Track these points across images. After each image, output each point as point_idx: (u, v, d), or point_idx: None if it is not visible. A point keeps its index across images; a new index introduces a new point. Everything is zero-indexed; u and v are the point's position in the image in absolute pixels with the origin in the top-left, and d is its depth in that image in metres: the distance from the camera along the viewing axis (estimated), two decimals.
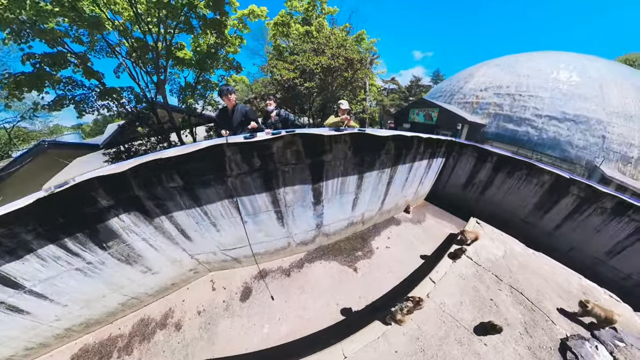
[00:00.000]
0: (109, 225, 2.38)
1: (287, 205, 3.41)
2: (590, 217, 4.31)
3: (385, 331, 2.39)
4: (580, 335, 2.51)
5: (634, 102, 8.76)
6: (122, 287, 2.87)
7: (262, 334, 2.90)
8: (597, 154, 8.07)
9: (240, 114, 3.02)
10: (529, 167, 4.87)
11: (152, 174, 2.31)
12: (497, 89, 11.19)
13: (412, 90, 23.94)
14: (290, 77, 7.92)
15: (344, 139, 3.14)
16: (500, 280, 3.17)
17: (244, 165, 2.68)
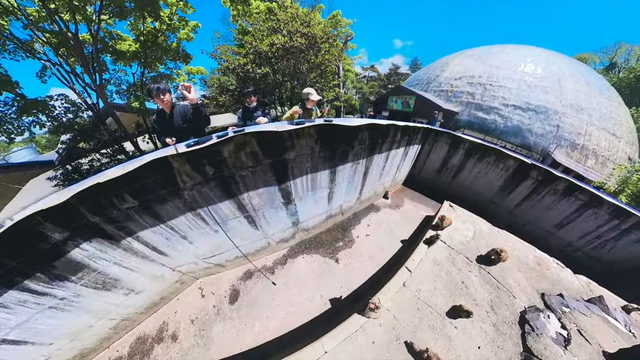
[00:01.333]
0: (71, 257, 2.11)
1: (255, 209, 3.15)
2: (545, 197, 4.72)
3: (363, 324, 2.38)
4: (536, 307, 2.72)
5: (584, 96, 9.59)
6: (108, 312, 2.69)
7: (254, 332, 2.98)
8: (552, 141, 8.83)
9: (179, 117, 2.52)
10: (497, 153, 5.09)
11: (100, 198, 2.02)
12: (470, 79, 11.51)
13: (391, 78, 23.87)
14: (240, 63, 6.77)
15: (307, 132, 2.81)
16: (470, 261, 3.30)
17: (196, 175, 2.38)
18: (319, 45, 7.22)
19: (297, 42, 6.52)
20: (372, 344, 2.25)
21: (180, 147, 2.05)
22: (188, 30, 6.87)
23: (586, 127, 9.04)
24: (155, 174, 2.15)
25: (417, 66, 26.37)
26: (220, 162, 2.43)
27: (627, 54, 19.28)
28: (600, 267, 4.51)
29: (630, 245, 4.24)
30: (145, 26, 6.25)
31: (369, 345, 2.23)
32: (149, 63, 6.83)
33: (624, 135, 9.47)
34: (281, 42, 6.44)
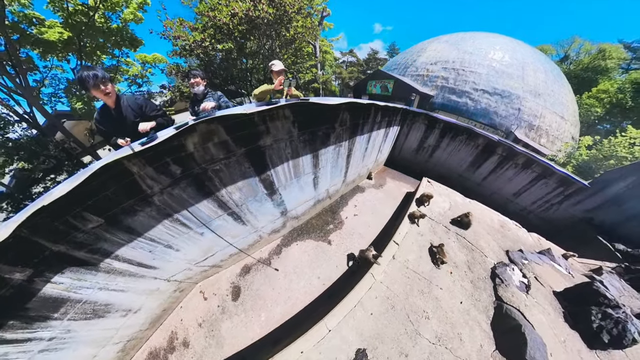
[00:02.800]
0: (45, 295, 1.80)
1: (238, 205, 2.89)
2: (507, 170, 5.24)
3: (360, 299, 2.51)
4: (503, 262, 3.08)
5: (542, 83, 10.52)
6: (109, 338, 2.45)
7: (261, 321, 3.04)
8: (513, 122, 9.69)
9: (131, 113, 2.02)
10: (468, 132, 5.42)
11: (56, 223, 1.68)
12: (445, 64, 11.85)
13: (369, 64, 23.66)
14: (196, 39, 5.51)
15: (282, 114, 2.46)
16: (448, 230, 3.59)
17: (162, 177, 2.03)
18: (290, 16, 6.04)
19: (263, 12, 5.41)
20: (371, 315, 2.41)
21: (135, 147, 1.72)
22: (134, 8, 5.19)
23: (542, 110, 10.02)
24: (114, 183, 1.80)
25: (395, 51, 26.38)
26: (187, 158, 2.09)
27: (579, 47, 21.13)
28: (547, 226, 5.25)
29: (570, 207, 4.99)
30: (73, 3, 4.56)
31: (368, 317, 2.39)
32: (88, 53, 5.24)
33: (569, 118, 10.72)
34: (243, 9, 5.29)
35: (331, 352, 2.14)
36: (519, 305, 2.49)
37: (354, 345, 2.20)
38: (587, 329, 2.40)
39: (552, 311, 2.58)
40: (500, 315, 2.45)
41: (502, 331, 2.34)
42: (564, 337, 2.38)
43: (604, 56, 17.99)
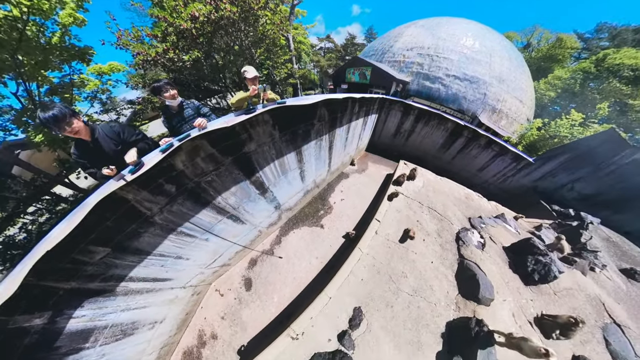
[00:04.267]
0: (70, 330, 1.82)
1: (234, 207, 3.04)
2: (472, 150, 5.91)
3: (352, 269, 2.95)
4: (465, 227, 3.67)
5: (507, 70, 11.40)
6: (143, 351, 2.55)
7: (275, 303, 3.47)
8: (479, 106, 10.53)
9: (111, 142, 1.92)
10: (439, 117, 5.93)
11: (63, 264, 1.68)
12: (420, 50, 12.22)
13: (347, 49, 23.34)
14: (158, 51, 4.88)
15: (262, 119, 2.55)
16: (422, 204, 4.09)
17: (158, 198, 2.06)
18: (256, 13, 5.66)
19: (226, 12, 4.97)
20: (362, 281, 2.88)
21: (127, 177, 1.72)
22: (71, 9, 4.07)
23: (504, 95, 10.98)
24: (112, 214, 1.80)
25: (372, 36, 26.21)
26: (179, 176, 2.12)
27: (540, 36, 22.58)
28: (504, 194, 6.13)
29: (521, 179, 5.88)
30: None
31: (360, 282, 2.87)
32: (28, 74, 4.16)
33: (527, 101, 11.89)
34: (204, 12, 4.77)
35: (334, 314, 2.58)
36: (476, 260, 3.07)
37: (351, 305, 2.65)
38: (524, 272, 3.07)
39: (500, 262, 3.22)
40: (462, 268, 3.02)
41: (463, 280, 2.90)
42: (508, 279, 3.02)
43: (560, 45, 19.59)
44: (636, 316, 3.20)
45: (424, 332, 2.51)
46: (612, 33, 21.41)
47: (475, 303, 2.68)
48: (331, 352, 2.34)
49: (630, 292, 3.59)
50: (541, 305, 2.86)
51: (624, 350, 2.69)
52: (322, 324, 2.52)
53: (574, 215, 5.23)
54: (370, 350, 2.39)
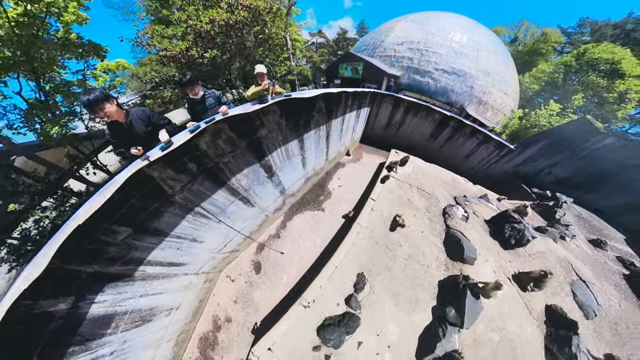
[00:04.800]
0: (93, 316, 1.94)
1: (246, 189, 3.34)
2: (458, 139, 6.41)
3: (353, 241, 3.35)
4: (451, 204, 4.12)
5: (492, 64, 12.09)
6: (161, 337, 2.71)
7: (284, 282, 3.79)
8: (466, 98, 11.18)
9: (141, 123, 2.21)
10: (427, 109, 6.40)
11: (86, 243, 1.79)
12: (410, 44, 12.76)
13: (339, 44, 23.74)
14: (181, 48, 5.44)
15: (271, 109, 2.94)
16: (411, 186, 4.53)
17: (181, 176, 2.29)
18: (264, 18, 6.45)
19: (239, 17, 5.73)
20: (362, 250, 3.29)
21: (155, 153, 1.91)
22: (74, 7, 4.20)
23: (490, 87, 11.67)
24: (138, 192, 1.93)
25: (364, 30, 26.72)
26: (201, 156, 2.38)
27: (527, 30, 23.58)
28: (488, 180, 6.70)
29: (504, 165, 6.45)
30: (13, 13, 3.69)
31: (360, 251, 3.28)
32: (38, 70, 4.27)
33: (511, 94, 12.66)
34: (223, 17, 5.49)
35: (340, 280, 2.97)
36: (460, 229, 3.52)
37: (354, 272, 3.06)
38: (503, 238, 3.55)
39: (482, 231, 3.69)
40: (449, 236, 3.46)
41: (450, 245, 3.35)
42: (489, 245, 3.49)
43: (545, 39, 20.62)
44: (599, 275, 3.75)
45: (420, 290, 2.93)
46: (593, 28, 22.47)
47: (461, 263, 3.13)
48: (341, 314, 2.70)
49: (595, 257, 4.15)
50: (518, 265, 3.34)
51: (588, 301, 3.20)
52: (330, 290, 2.90)
53: (551, 196, 5.83)
54: (375, 309, 2.78)
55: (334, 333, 2.56)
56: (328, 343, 2.52)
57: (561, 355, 2.58)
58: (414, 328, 2.66)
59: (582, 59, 15.31)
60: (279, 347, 2.49)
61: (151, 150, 1.98)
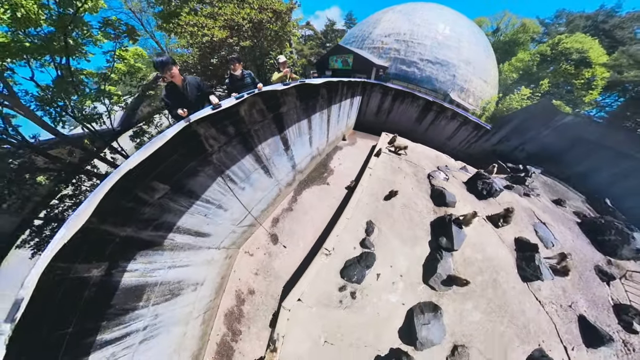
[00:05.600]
0: (125, 285, 1.98)
1: (267, 158, 3.83)
2: (441, 122, 7.36)
3: (359, 198, 4.16)
4: (434, 170, 4.99)
5: (474, 54, 13.26)
6: (190, 313, 2.91)
7: (300, 248, 4.34)
8: (449, 86, 12.31)
9: (194, 88, 2.68)
10: (412, 96, 7.28)
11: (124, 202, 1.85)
12: (397, 36, 13.71)
13: (328, 36, 24.44)
14: (222, 36, 6.61)
15: (291, 91, 3.59)
16: (401, 159, 5.35)
17: (221, 136, 2.66)
18: (283, 17, 8.02)
19: (266, 16, 7.25)
20: (367, 204, 4.09)
21: (206, 111, 2.25)
22: None
23: (471, 76, 12.85)
24: (183, 147, 2.13)
25: (352, 21, 27.53)
26: (239, 121, 2.83)
27: (508, 21, 25.09)
28: (469, 158, 7.72)
29: (482, 144, 7.51)
30: None
31: (366, 205, 4.11)
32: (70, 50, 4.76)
33: (491, 82, 13.96)
34: (258, 17, 7.01)
35: (354, 228, 3.75)
36: (442, 186, 4.40)
37: (363, 220, 3.85)
38: (477, 192, 4.49)
39: (460, 187, 4.62)
40: (434, 191, 4.36)
41: (435, 196, 4.26)
42: (466, 197, 4.42)
43: (524, 30, 22.19)
44: (557, 221, 4.75)
45: (417, 230, 3.78)
46: (568, 19, 24.21)
47: (445, 207, 4.03)
48: (358, 255, 3.40)
49: (555, 210, 5.18)
50: (490, 211, 4.26)
51: (547, 235, 4.16)
52: (346, 238, 3.63)
53: (523, 169, 6.89)
54: (385, 246, 3.58)
55: (355, 270, 3.24)
56: (352, 279, 3.16)
57: (528, 268, 3.44)
58: (418, 258, 3.48)
59: (556, 49, 16.86)
60: (308, 296, 3.01)
61: (202, 110, 2.32)
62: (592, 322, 3.10)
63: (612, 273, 3.69)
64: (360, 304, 3.08)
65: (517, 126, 7.31)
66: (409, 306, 3.05)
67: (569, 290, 3.47)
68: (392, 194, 4.12)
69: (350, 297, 3.11)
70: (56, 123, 5.07)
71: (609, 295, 3.57)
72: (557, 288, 3.44)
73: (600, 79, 14.12)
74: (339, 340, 2.81)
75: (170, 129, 2.01)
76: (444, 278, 3.19)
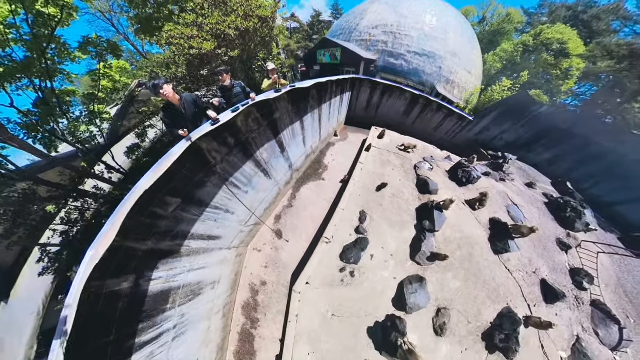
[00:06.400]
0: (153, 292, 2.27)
1: (266, 162, 4.13)
2: (427, 114, 7.99)
3: (351, 191, 4.74)
4: (420, 161, 5.60)
5: (459, 45, 13.91)
6: (211, 309, 3.29)
7: (303, 239, 4.87)
8: (436, 78, 12.97)
9: (191, 105, 2.81)
10: (400, 90, 7.84)
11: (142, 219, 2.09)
12: (384, 27, 14.13)
13: (314, 28, 24.50)
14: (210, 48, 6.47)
15: (283, 97, 3.80)
16: (389, 151, 5.94)
17: (222, 148, 2.87)
18: (270, 24, 8.02)
19: (252, 23, 7.17)
20: (359, 196, 4.69)
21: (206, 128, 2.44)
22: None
23: (456, 67, 13.56)
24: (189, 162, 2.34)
25: (338, 12, 27.61)
26: (237, 132, 3.06)
27: (494, 10, 25.92)
28: (455, 148, 8.46)
29: (466, 134, 8.22)
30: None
31: (358, 196, 4.70)
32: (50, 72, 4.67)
33: (475, 73, 14.77)
34: (244, 25, 6.90)
35: (348, 218, 4.32)
36: (427, 175, 5.02)
37: (357, 210, 4.42)
38: (457, 179, 5.14)
39: (443, 176, 5.27)
40: (419, 180, 4.98)
41: (420, 185, 4.87)
42: (447, 184, 5.07)
43: (509, 20, 23.14)
44: (528, 202, 5.52)
45: (404, 215, 4.39)
46: (551, 9, 25.34)
47: (429, 194, 4.66)
48: (354, 240, 4.02)
49: (526, 192, 5.96)
50: (469, 196, 4.92)
51: (518, 215, 4.91)
52: (343, 226, 4.23)
53: (501, 156, 7.67)
54: (377, 231, 4.18)
55: (352, 253, 3.85)
56: (350, 261, 3.77)
57: (499, 243, 4.13)
58: (405, 240, 4.11)
59: (538, 39, 17.87)
60: (314, 279, 3.63)
61: (202, 126, 2.51)
62: (551, 284, 3.83)
63: (569, 244, 4.47)
64: (359, 281, 3.68)
65: (497, 117, 8.07)
66: (399, 279, 3.67)
67: (534, 260, 4.20)
68: (382, 185, 4.69)
69: (350, 276, 3.71)
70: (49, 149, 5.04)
71: (567, 262, 4.35)
72: (524, 258, 4.16)
73: (577, 69, 15.28)
74: (343, 313, 3.42)
75: (176, 148, 2.23)
76: (428, 255, 3.81)
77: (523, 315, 3.48)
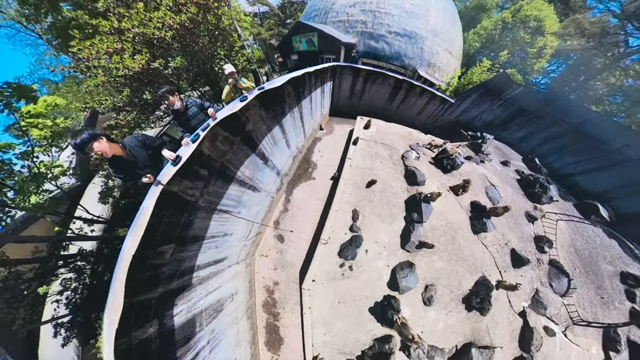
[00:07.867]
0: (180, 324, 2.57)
1: (250, 178, 4.09)
2: (411, 99, 8.46)
3: (343, 190, 5.16)
4: (407, 150, 6.13)
5: (441, 23, 14.16)
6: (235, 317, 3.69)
7: (303, 239, 5.41)
8: (418, 61, 13.38)
9: (141, 150, 2.51)
10: (382, 76, 8.17)
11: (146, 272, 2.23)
12: (362, 5, 13.95)
13: (286, 11, 23.58)
14: (139, 63, 5.08)
15: (251, 104, 3.40)
16: (376, 142, 6.39)
17: (197, 183, 2.75)
18: (215, 11, 6.43)
19: (188, 14, 5.66)
20: (350, 195, 5.11)
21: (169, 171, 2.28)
22: None
23: (437, 48, 14.01)
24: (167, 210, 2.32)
25: None
26: (207, 160, 2.86)
27: None
28: (437, 130, 9.14)
29: (448, 116, 8.88)
30: None
31: (350, 195, 5.12)
32: None
33: (455, 53, 15.36)
34: (176, 21, 5.41)
35: (342, 218, 4.76)
36: (414, 165, 5.54)
37: (350, 210, 4.87)
38: (442, 167, 5.74)
39: (429, 164, 5.87)
40: (407, 171, 5.51)
41: (408, 177, 5.41)
42: (433, 172, 5.67)
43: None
44: (503, 181, 6.29)
45: (394, 209, 4.90)
46: None
47: (417, 186, 5.21)
48: (349, 239, 4.49)
49: (502, 171, 6.75)
50: (453, 182, 5.57)
51: (494, 195, 5.64)
52: (338, 226, 4.69)
53: (480, 136, 8.42)
54: (370, 227, 4.67)
55: (349, 250, 4.38)
56: (348, 257, 4.34)
57: (478, 225, 4.82)
58: (395, 232, 4.67)
59: (517, 16, 18.62)
60: (318, 276, 4.24)
61: (162, 172, 2.29)
62: (519, 252, 4.62)
63: (535, 215, 5.30)
64: (357, 273, 4.27)
65: (476, 99, 8.75)
66: (392, 266, 4.28)
67: (506, 234, 4.96)
68: (372, 182, 5.16)
69: (349, 270, 4.29)
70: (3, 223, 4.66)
71: (532, 231, 5.18)
72: (498, 233, 4.90)
73: (550, 47, 16.34)
74: (347, 299, 4.08)
75: (146, 200, 2.14)
76: (417, 244, 4.42)
77: (495, 280, 4.26)
